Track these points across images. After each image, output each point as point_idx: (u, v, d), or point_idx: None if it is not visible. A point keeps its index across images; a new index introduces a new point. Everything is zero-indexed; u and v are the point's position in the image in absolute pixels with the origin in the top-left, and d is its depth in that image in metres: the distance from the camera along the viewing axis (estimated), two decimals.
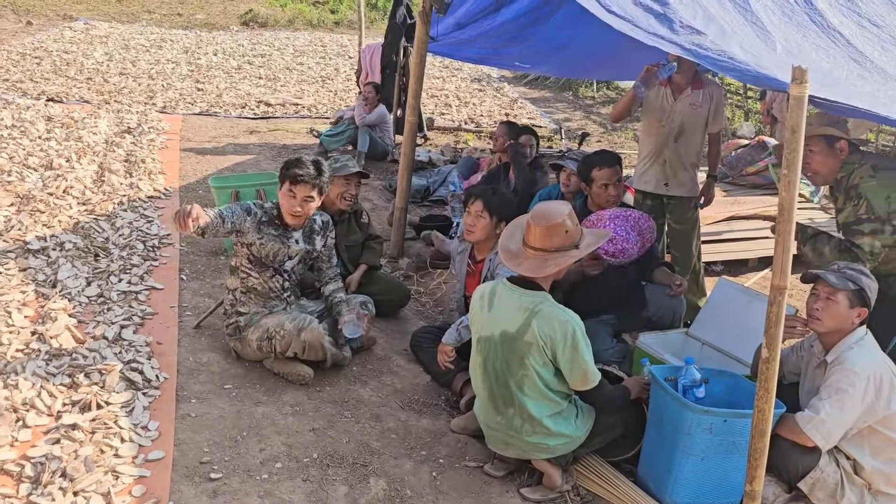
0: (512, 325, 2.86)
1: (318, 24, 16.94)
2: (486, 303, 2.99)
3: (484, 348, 2.98)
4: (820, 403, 2.78)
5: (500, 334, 2.90)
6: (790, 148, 2.43)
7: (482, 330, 2.98)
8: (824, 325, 2.87)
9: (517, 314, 2.86)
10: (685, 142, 4.60)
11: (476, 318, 3.03)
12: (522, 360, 2.84)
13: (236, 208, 3.57)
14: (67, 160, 6.34)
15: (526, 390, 2.87)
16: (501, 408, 2.95)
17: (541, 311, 2.82)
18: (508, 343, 2.87)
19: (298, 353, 3.54)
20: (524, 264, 2.91)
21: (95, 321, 3.86)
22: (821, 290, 2.89)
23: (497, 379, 2.94)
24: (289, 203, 3.57)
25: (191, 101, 9.69)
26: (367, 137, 7.61)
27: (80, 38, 13.11)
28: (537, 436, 2.91)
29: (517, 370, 2.87)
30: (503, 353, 2.90)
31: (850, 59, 3.49)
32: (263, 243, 3.61)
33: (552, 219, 2.88)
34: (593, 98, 11.98)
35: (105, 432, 2.99)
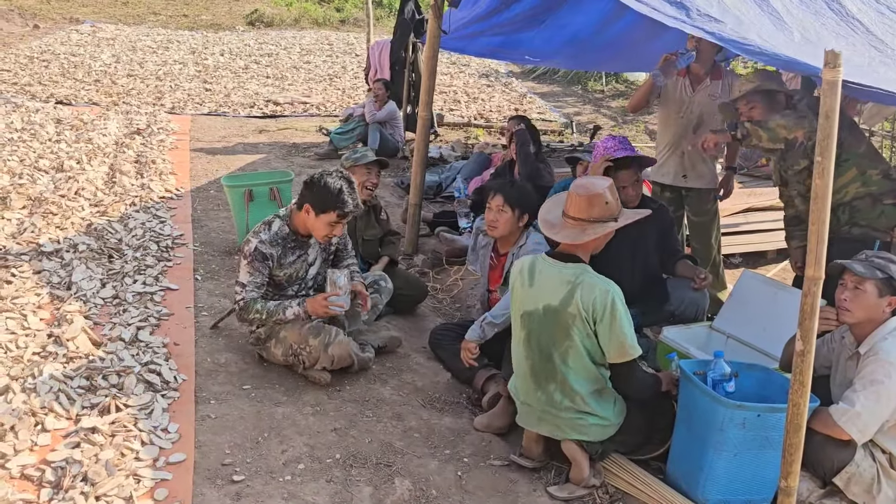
0: (555, 298, 2.87)
1: (324, 23, 16.89)
2: (526, 278, 2.99)
3: (527, 323, 2.97)
4: (855, 396, 2.71)
5: (544, 308, 2.90)
6: (823, 134, 2.36)
7: (524, 305, 2.98)
8: (854, 315, 2.81)
9: (559, 287, 2.87)
10: (703, 133, 4.52)
11: (517, 293, 3.03)
12: (567, 332, 2.85)
13: (255, 269, 3.44)
14: (78, 162, 6.32)
15: (570, 363, 2.87)
16: (543, 383, 2.95)
17: (582, 282, 2.84)
18: (552, 316, 2.88)
19: (327, 366, 3.49)
20: (562, 232, 2.93)
21: (111, 323, 3.82)
22: (848, 281, 2.82)
23: (541, 353, 2.94)
24: (326, 230, 3.45)
25: (199, 101, 9.66)
26: (378, 134, 7.56)
27: (87, 40, 13.10)
28: (575, 413, 2.89)
29: (562, 342, 2.87)
30: (548, 326, 2.90)
31: (871, 47, 3.43)
32: (287, 272, 3.55)
33: (593, 189, 2.91)
34: (602, 91, 11.90)
35: (125, 435, 2.94)
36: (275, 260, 3.48)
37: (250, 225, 4.90)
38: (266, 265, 3.46)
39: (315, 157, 7.58)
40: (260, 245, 3.44)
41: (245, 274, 3.46)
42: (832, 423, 2.73)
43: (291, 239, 3.53)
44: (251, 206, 4.92)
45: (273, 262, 3.48)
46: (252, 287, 3.45)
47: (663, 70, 4.22)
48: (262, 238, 3.46)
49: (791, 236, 4.06)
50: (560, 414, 2.92)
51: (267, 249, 3.45)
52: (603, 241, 2.96)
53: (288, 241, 3.52)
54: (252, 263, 3.44)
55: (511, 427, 3.32)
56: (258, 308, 3.45)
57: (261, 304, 3.46)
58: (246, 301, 3.45)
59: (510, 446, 3.20)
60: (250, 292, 3.45)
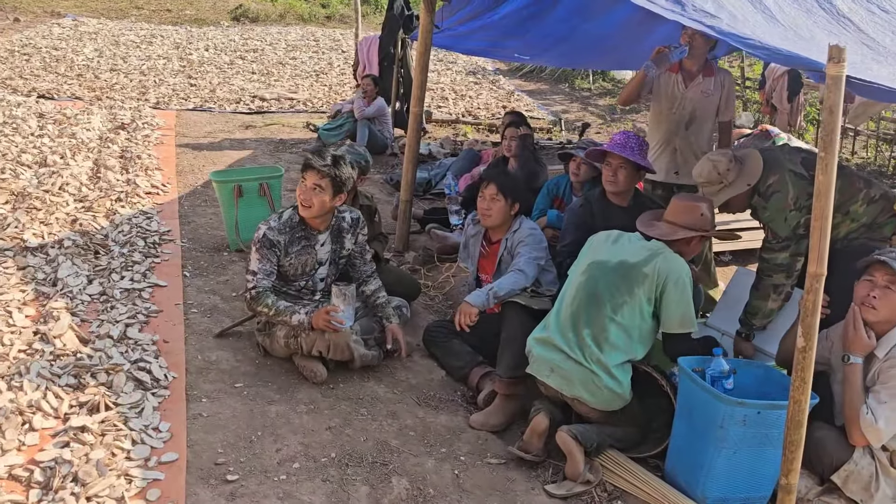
0: (634, 256, 3.09)
1: (310, 19, 16.77)
2: (612, 239, 3.23)
3: (592, 270, 3.15)
4: (881, 409, 2.68)
5: (619, 262, 3.10)
6: (827, 129, 2.35)
7: (598, 255, 3.19)
8: (879, 314, 2.75)
9: (642, 251, 3.11)
10: (696, 130, 4.53)
11: (596, 244, 3.25)
12: (632, 288, 3.02)
13: (264, 255, 3.46)
14: (62, 157, 6.20)
15: (619, 318, 3.01)
16: (579, 326, 3.05)
17: (664, 254, 3.06)
18: (624, 270, 3.06)
19: (323, 352, 3.44)
20: (656, 228, 3.20)
21: (99, 320, 3.75)
22: (879, 278, 2.76)
23: (592, 299, 3.07)
24: (298, 191, 3.48)
25: (184, 96, 9.54)
26: (367, 130, 7.51)
27: (69, 34, 12.90)
28: (596, 366, 2.95)
29: (622, 295, 3.03)
30: (614, 278, 3.07)
31: (863, 45, 3.44)
32: (292, 262, 3.55)
33: (693, 201, 3.25)
34: (590, 90, 11.90)
35: (115, 434, 2.88)
36: (282, 248, 3.50)
37: (240, 221, 4.84)
38: (274, 252, 3.49)
39: (303, 152, 7.50)
40: (268, 232, 3.48)
41: (255, 261, 3.48)
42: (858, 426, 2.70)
43: (300, 228, 3.55)
44: (240, 202, 4.85)
45: (280, 250, 3.50)
46: (262, 275, 3.46)
47: (656, 62, 4.20)
48: (271, 225, 3.52)
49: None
50: (579, 363, 2.98)
51: (274, 236, 3.48)
52: (688, 248, 3.19)
53: (297, 230, 3.54)
54: (260, 250, 3.47)
55: (507, 425, 3.30)
56: (268, 303, 3.43)
57: (272, 300, 3.44)
58: (258, 291, 3.44)
59: (507, 444, 3.16)
60: (262, 280, 3.46)
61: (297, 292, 3.64)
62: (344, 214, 3.68)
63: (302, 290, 3.65)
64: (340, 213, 3.66)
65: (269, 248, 3.47)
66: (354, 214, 3.73)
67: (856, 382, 2.74)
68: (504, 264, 3.82)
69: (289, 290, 3.62)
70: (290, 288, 3.62)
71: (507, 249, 3.81)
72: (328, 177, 3.43)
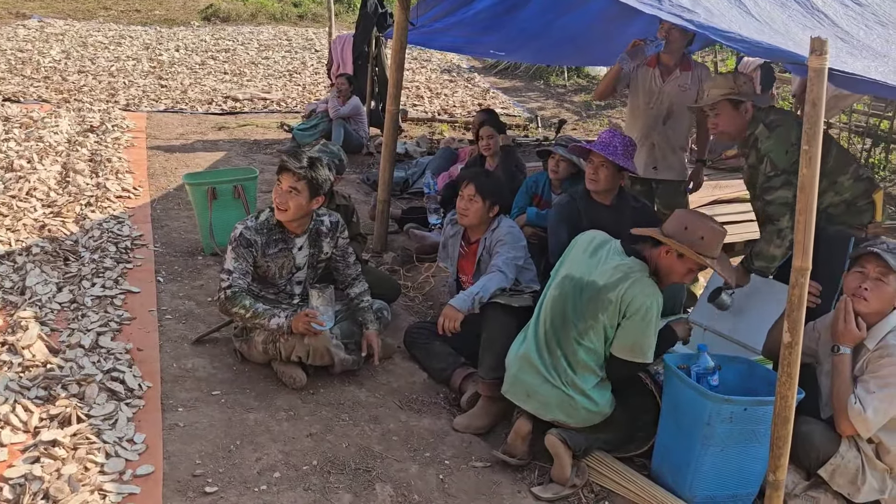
0: (604, 278, 2.91)
1: (282, 18, 16.58)
2: (591, 248, 3.06)
3: (565, 286, 3.01)
4: (869, 399, 2.66)
5: (588, 283, 2.94)
6: (810, 122, 2.33)
7: (573, 269, 3.04)
8: (870, 306, 2.74)
9: (613, 272, 2.91)
10: (673, 125, 4.52)
11: (573, 256, 3.10)
12: (596, 313, 2.88)
13: (240, 254, 3.38)
14: (29, 161, 6.04)
15: (585, 341, 2.90)
16: (552, 346, 2.97)
17: (635, 279, 2.86)
18: (592, 293, 2.91)
19: (303, 357, 3.36)
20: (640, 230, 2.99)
21: (70, 329, 3.64)
22: (871, 270, 2.75)
23: (564, 319, 2.96)
24: (274, 193, 3.41)
25: (155, 98, 9.36)
26: (342, 130, 7.42)
27: (35, 35, 12.62)
28: (571, 389, 2.88)
29: (588, 319, 2.90)
30: (581, 300, 2.94)
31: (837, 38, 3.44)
32: (269, 265, 3.47)
33: (702, 222, 2.91)
34: (565, 86, 11.90)
35: (88, 448, 2.79)
36: (258, 248, 3.43)
37: (214, 224, 4.74)
38: (250, 252, 3.41)
39: (277, 153, 7.39)
40: (245, 231, 3.42)
41: (231, 260, 3.40)
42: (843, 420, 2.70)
43: (277, 231, 3.48)
44: (215, 205, 4.75)
45: (257, 250, 3.43)
46: (238, 274, 3.38)
47: (631, 54, 4.18)
48: (248, 224, 3.45)
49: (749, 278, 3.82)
50: (555, 387, 2.90)
51: (251, 236, 3.41)
52: (676, 271, 2.91)
53: (274, 231, 3.47)
54: (237, 249, 3.40)
55: (491, 427, 3.25)
56: (245, 305, 3.34)
57: (249, 302, 3.36)
58: (234, 291, 3.35)
59: (491, 447, 3.12)
60: (237, 279, 3.37)
61: (274, 296, 3.56)
62: (322, 218, 3.60)
63: (280, 293, 3.57)
64: (319, 217, 3.58)
65: (245, 248, 3.40)
66: (333, 218, 3.65)
67: (844, 372, 2.73)
68: (483, 264, 3.78)
69: (266, 294, 3.54)
70: (267, 292, 3.54)
71: (485, 249, 3.78)
72: (304, 179, 3.36)
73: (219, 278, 3.48)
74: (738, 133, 3.58)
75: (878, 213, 3.54)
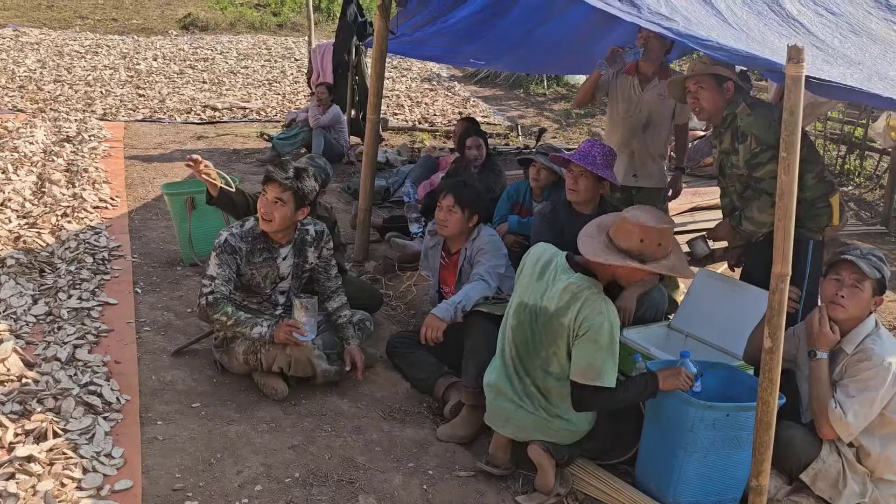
0: (553, 303, 2.78)
1: (261, 27, 16.52)
2: (537, 270, 2.91)
3: (521, 314, 2.91)
4: (850, 402, 2.69)
5: (540, 309, 2.83)
6: (788, 129, 2.35)
7: (525, 295, 2.92)
8: (848, 312, 2.77)
9: (562, 294, 2.77)
10: (652, 132, 4.55)
11: (522, 280, 2.96)
12: (555, 339, 2.78)
13: (224, 261, 3.34)
14: (3, 171, 5.96)
15: (551, 368, 2.82)
16: (521, 374, 2.90)
17: (583, 297, 2.71)
18: (545, 320, 2.81)
19: (284, 368, 3.33)
20: (585, 242, 2.81)
21: (45, 342, 3.58)
22: (846, 277, 2.78)
23: (527, 347, 2.89)
24: (259, 204, 3.38)
25: (132, 107, 9.29)
26: (322, 139, 7.39)
27: (10, 45, 12.47)
28: (545, 414, 2.83)
29: (548, 346, 2.81)
30: (537, 327, 2.84)
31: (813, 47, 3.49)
32: (254, 274, 3.44)
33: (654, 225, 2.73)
34: (545, 95, 11.96)
35: (65, 463, 2.73)
36: (243, 256, 3.39)
37: (193, 234, 4.69)
38: (234, 259, 3.38)
39: (257, 162, 7.36)
40: (230, 237, 3.38)
41: (214, 266, 3.36)
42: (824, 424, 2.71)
43: (262, 240, 3.45)
44: (194, 215, 4.70)
45: (241, 257, 3.39)
46: (221, 280, 3.33)
47: (609, 60, 4.20)
48: (233, 231, 3.42)
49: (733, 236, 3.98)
50: (530, 413, 2.85)
51: (236, 242, 3.38)
52: (636, 276, 2.79)
53: (258, 241, 3.44)
54: (220, 255, 3.36)
55: (475, 436, 3.23)
56: (228, 312, 3.30)
57: (231, 310, 3.32)
58: (216, 297, 3.31)
59: (475, 456, 3.10)
60: (220, 286, 3.32)
61: (257, 306, 3.53)
62: (308, 227, 3.58)
63: (263, 303, 3.53)
64: (304, 226, 3.56)
65: (229, 254, 3.36)
66: (319, 227, 3.63)
67: (822, 377, 2.75)
68: (465, 274, 3.77)
69: (249, 304, 3.51)
70: (250, 301, 3.51)
71: (466, 259, 3.77)
72: (290, 189, 3.34)
73: (200, 284, 3.43)
74: (717, 111, 3.62)
75: (835, 216, 3.60)
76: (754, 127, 3.42)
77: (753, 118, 3.44)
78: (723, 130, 3.68)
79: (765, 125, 3.39)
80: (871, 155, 8.29)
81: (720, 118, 3.65)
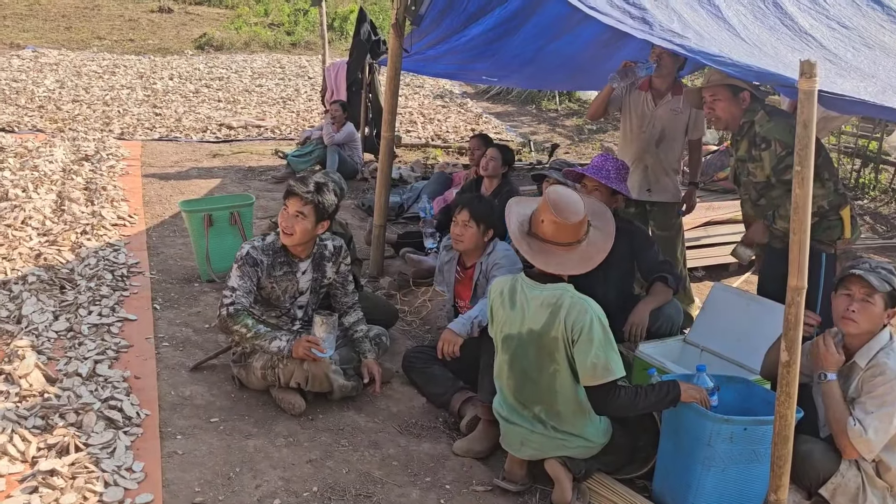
0: (536, 322, 2.79)
1: (275, 46, 16.72)
2: (506, 299, 2.89)
3: (510, 347, 2.89)
4: (869, 419, 2.67)
5: (527, 332, 2.82)
6: (801, 143, 2.37)
7: (506, 328, 2.89)
8: (860, 327, 2.76)
9: (541, 311, 2.78)
10: (666, 147, 4.57)
11: (497, 315, 2.93)
12: (552, 355, 2.78)
13: (245, 273, 3.39)
14: (24, 190, 6.05)
15: (557, 386, 2.81)
16: (528, 404, 2.89)
17: (563, 304, 2.74)
18: (535, 340, 2.80)
19: (302, 383, 3.36)
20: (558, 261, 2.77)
21: (67, 357, 3.63)
22: (856, 291, 2.77)
23: (525, 376, 2.87)
24: (280, 218, 3.42)
25: (149, 126, 9.41)
26: (337, 156, 7.46)
27: (30, 66, 12.69)
28: (560, 434, 2.83)
29: (548, 366, 2.80)
30: (532, 350, 2.82)
31: (826, 60, 3.51)
32: (274, 287, 3.48)
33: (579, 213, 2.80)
34: (557, 111, 12.02)
35: (86, 477, 2.77)
36: (264, 269, 3.44)
37: (211, 251, 4.75)
38: (255, 271, 3.42)
39: (272, 180, 7.43)
40: (252, 250, 3.43)
41: (235, 278, 3.40)
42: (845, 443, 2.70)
43: (282, 254, 3.50)
44: (211, 232, 4.76)
45: (262, 270, 3.43)
46: (242, 292, 3.38)
47: (620, 73, 4.23)
48: (254, 244, 3.46)
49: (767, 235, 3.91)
50: (545, 434, 2.86)
51: (258, 255, 3.43)
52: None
53: (279, 255, 3.49)
54: (242, 267, 3.41)
55: (492, 451, 3.24)
56: (248, 324, 3.34)
57: (251, 322, 3.36)
58: (237, 308, 3.35)
59: (492, 471, 3.11)
60: (240, 297, 3.37)
61: (276, 320, 3.56)
62: (326, 243, 3.62)
63: (282, 317, 3.57)
64: (322, 241, 3.61)
65: (251, 266, 3.41)
66: (337, 243, 3.67)
67: (836, 397, 2.75)
68: (480, 289, 3.79)
69: (268, 318, 3.55)
70: (269, 315, 3.55)
71: (482, 273, 3.79)
72: (311, 203, 3.38)
73: (221, 295, 3.47)
74: (733, 121, 3.68)
75: (847, 229, 3.61)
76: (776, 132, 3.48)
77: (773, 124, 3.51)
78: (739, 139, 3.72)
79: (786, 130, 3.44)
80: (886, 168, 8.27)
81: (737, 127, 3.70)
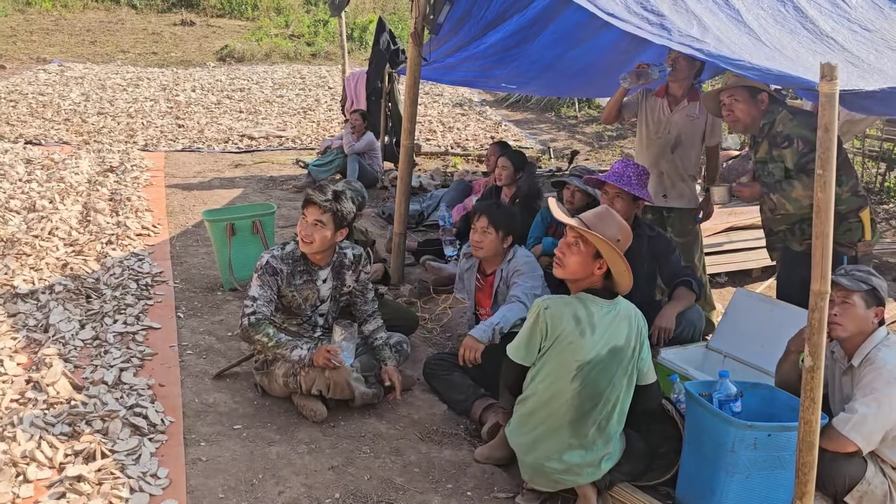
0: (619, 338, 2.82)
1: (296, 57, 16.89)
2: (585, 326, 2.77)
3: (585, 373, 2.76)
4: (855, 404, 2.71)
5: (609, 351, 2.79)
6: (823, 147, 2.35)
7: (584, 354, 2.75)
8: (846, 329, 2.80)
9: (622, 325, 2.84)
10: (682, 153, 4.55)
11: (574, 345, 2.76)
12: (626, 368, 2.83)
13: (265, 282, 3.43)
14: (51, 201, 6.16)
15: (622, 401, 2.85)
16: (584, 430, 2.79)
17: (632, 312, 2.89)
18: (616, 356, 2.81)
19: (323, 391, 3.38)
20: None
21: (93, 365, 3.68)
22: (835, 296, 2.79)
23: (596, 398, 2.78)
24: (299, 227, 3.46)
25: (172, 137, 9.54)
26: (357, 165, 7.51)
27: (56, 79, 12.93)
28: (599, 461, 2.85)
29: (622, 378, 2.83)
30: (610, 368, 2.79)
31: (848, 63, 3.48)
32: (294, 296, 3.51)
33: None
34: (576, 118, 12.00)
35: (113, 483, 2.81)
36: (283, 277, 3.47)
37: (233, 260, 4.80)
38: (276, 280, 3.46)
39: (293, 189, 7.50)
40: (271, 259, 3.47)
41: (256, 287, 3.44)
42: (836, 435, 2.70)
43: (302, 262, 3.53)
44: (233, 241, 4.81)
45: (282, 279, 3.47)
46: (263, 301, 3.42)
47: (632, 74, 4.21)
48: (274, 254, 3.50)
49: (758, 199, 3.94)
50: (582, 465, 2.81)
51: (277, 264, 3.46)
52: None
53: (298, 263, 3.52)
54: (262, 277, 3.44)
55: (513, 457, 3.23)
56: (269, 333, 3.38)
57: (273, 331, 3.39)
58: (258, 318, 3.39)
59: (513, 478, 3.11)
60: (261, 307, 3.41)
61: (297, 328, 3.59)
62: (346, 251, 3.65)
63: (302, 325, 3.60)
64: (342, 250, 3.63)
65: (271, 275, 3.44)
66: (357, 251, 3.69)
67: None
68: (501, 296, 3.79)
69: (289, 326, 3.58)
70: (290, 323, 3.58)
71: (502, 280, 3.79)
72: (329, 211, 3.41)
73: (242, 305, 3.50)
74: (752, 123, 3.69)
75: (867, 231, 3.59)
76: (800, 129, 3.51)
77: (797, 122, 3.55)
78: (759, 140, 3.71)
79: (808, 129, 3.46)
80: None
81: (756, 129, 3.69)
